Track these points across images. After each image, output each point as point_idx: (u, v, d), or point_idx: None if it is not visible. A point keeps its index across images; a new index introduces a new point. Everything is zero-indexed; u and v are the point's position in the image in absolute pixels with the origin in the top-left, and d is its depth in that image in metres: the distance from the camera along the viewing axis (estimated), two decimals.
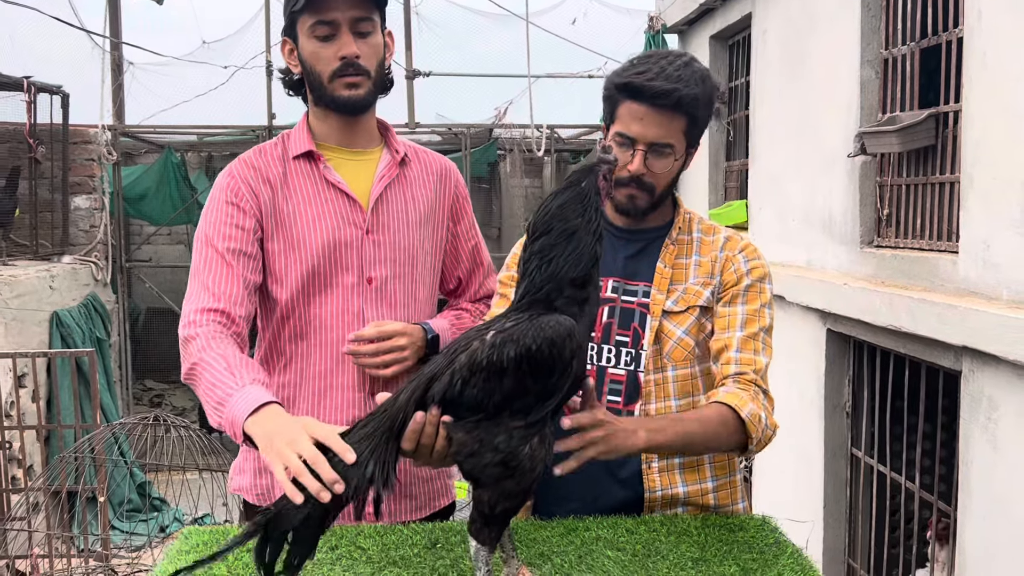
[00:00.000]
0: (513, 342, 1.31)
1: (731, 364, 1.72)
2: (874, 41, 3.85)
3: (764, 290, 1.79)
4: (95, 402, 5.48)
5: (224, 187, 1.92)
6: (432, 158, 2.08)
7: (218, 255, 1.86)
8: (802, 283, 4.27)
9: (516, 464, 1.32)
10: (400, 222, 1.97)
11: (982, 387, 2.95)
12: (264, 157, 1.95)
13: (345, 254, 1.92)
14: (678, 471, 1.79)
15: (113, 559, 5.15)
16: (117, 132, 8.69)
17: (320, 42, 1.86)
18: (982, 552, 2.99)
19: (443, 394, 1.35)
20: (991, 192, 2.94)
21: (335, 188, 1.94)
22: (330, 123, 1.95)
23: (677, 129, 1.73)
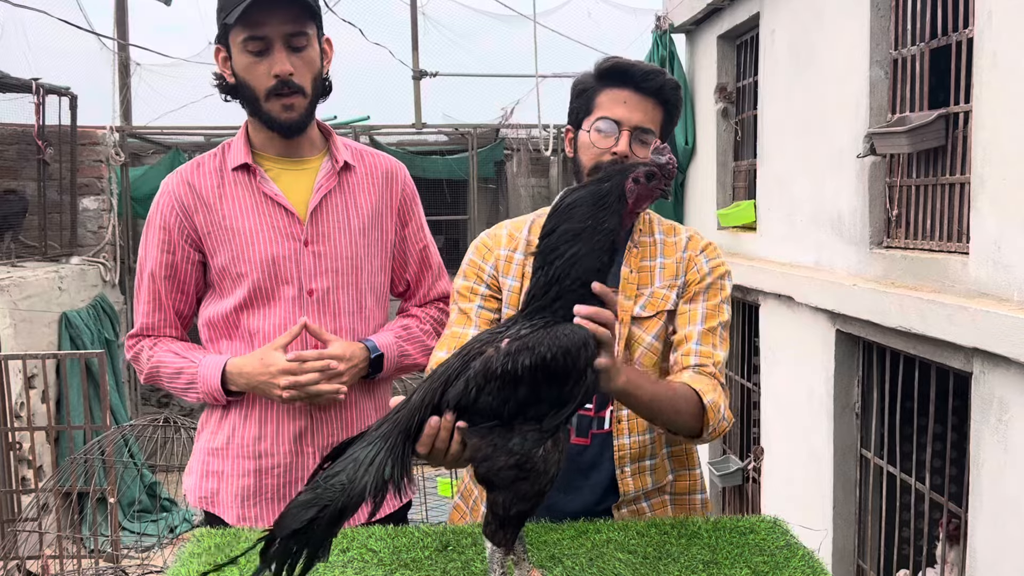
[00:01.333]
0: (528, 350, 1.30)
1: (691, 356, 1.74)
2: (883, 41, 3.84)
3: (724, 287, 1.83)
4: (104, 403, 5.50)
5: (158, 210, 1.96)
6: (378, 160, 2.06)
7: (151, 281, 1.97)
8: (811, 284, 4.26)
9: (531, 467, 1.32)
10: (341, 232, 1.95)
11: (993, 389, 2.94)
12: (201, 171, 1.94)
13: (284, 267, 1.91)
14: (648, 472, 1.82)
15: (123, 560, 5.16)
16: (125, 133, 8.71)
17: (253, 57, 1.83)
18: (992, 553, 2.98)
19: (458, 400, 1.35)
20: (1002, 193, 2.93)
21: (272, 201, 1.92)
22: (268, 134, 1.93)
23: (656, 118, 1.77)
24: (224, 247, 1.92)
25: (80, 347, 6.63)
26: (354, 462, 1.35)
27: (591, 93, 1.78)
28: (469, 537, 1.67)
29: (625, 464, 1.79)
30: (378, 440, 1.37)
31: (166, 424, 4.61)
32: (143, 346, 2.01)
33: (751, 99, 5.60)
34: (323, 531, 1.32)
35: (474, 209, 9.92)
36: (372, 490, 1.32)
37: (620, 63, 1.77)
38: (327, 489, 1.33)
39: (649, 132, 1.75)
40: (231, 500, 1.99)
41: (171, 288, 1.97)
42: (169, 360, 1.98)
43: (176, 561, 1.60)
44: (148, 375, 2.02)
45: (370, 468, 1.34)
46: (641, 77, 1.74)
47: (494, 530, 1.35)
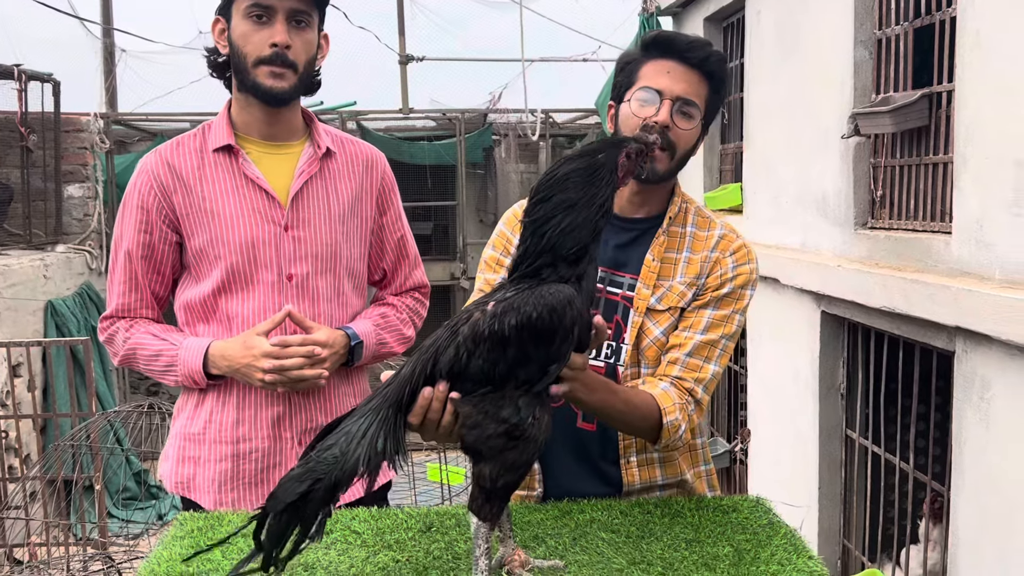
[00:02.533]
0: (514, 311, 1.31)
1: (676, 366, 1.71)
2: (867, 21, 3.83)
3: (743, 296, 1.77)
4: (90, 390, 5.49)
5: (136, 189, 1.93)
6: (359, 148, 2.06)
7: (127, 260, 1.94)
8: (796, 265, 4.27)
9: (520, 434, 1.33)
10: (321, 217, 1.95)
11: (975, 367, 2.96)
12: (181, 151, 1.92)
13: (264, 251, 1.91)
14: (658, 465, 1.80)
15: (111, 547, 5.16)
16: (109, 120, 8.65)
17: (253, 23, 1.83)
18: (973, 530, 3.01)
19: (450, 367, 1.35)
20: (984, 172, 2.94)
21: (253, 184, 1.91)
22: (252, 113, 1.92)
23: (701, 93, 1.72)
24: (202, 229, 1.91)
25: (66, 335, 6.60)
26: (347, 435, 1.35)
27: (635, 66, 1.74)
28: (452, 518, 1.68)
29: (630, 454, 1.78)
30: (370, 413, 1.37)
31: (151, 410, 4.60)
32: (118, 327, 1.99)
33: (738, 81, 5.60)
34: (317, 507, 1.31)
35: (462, 195, 9.90)
36: (365, 463, 1.32)
37: (665, 33, 1.75)
38: (320, 463, 1.33)
39: (693, 104, 1.71)
40: (208, 485, 1.99)
41: (148, 268, 1.95)
42: (147, 342, 1.96)
43: (159, 544, 1.60)
44: (123, 357, 2.00)
45: (363, 441, 1.34)
46: (686, 47, 1.71)
47: (480, 504, 1.35)
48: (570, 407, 1.77)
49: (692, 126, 1.72)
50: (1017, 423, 2.77)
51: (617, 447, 1.78)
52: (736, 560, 1.51)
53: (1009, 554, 2.82)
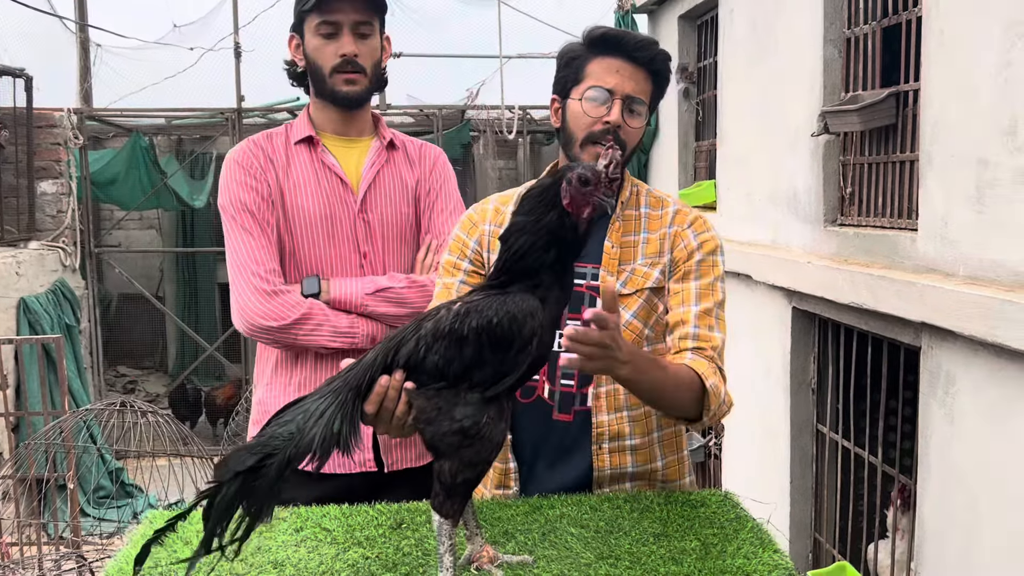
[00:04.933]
0: (477, 313, 1.35)
1: (688, 339, 1.72)
2: (837, 20, 3.88)
3: (716, 263, 1.79)
4: (63, 388, 5.45)
5: (239, 162, 2.10)
6: (419, 143, 2.29)
7: (255, 221, 2.07)
8: (768, 262, 4.32)
9: (475, 433, 1.34)
10: (388, 201, 2.17)
11: (940, 362, 3.01)
12: (271, 141, 2.15)
13: (340, 231, 2.11)
14: (628, 452, 1.81)
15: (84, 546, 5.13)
16: (83, 116, 8.57)
17: (324, 39, 2.07)
18: (939, 520, 3.06)
19: (407, 359, 1.37)
20: (948, 170, 2.99)
21: (330, 171, 2.13)
22: (328, 114, 2.15)
23: (647, 89, 1.74)
24: (285, 208, 2.09)
25: (39, 333, 6.54)
26: (304, 413, 1.36)
27: (581, 62, 1.75)
28: (423, 515, 1.69)
29: (603, 441, 1.78)
30: (330, 395, 1.38)
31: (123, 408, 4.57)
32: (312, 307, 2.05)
33: (712, 79, 5.64)
34: (268, 484, 1.31)
35: None
36: (320, 443, 1.33)
37: (613, 31, 1.75)
38: (274, 437, 1.34)
39: (640, 102, 1.73)
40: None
41: (270, 225, 2.08)
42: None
43: (128, 543, 1.61)
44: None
45: (319, 420, 1.35)
46: (634, 47, 1.73)
47: (441, 501, 1.37)
48: (543, 400, 1.79)
49: (641, 124, 1.75)
50: (980, 417, 2.83)
51: (591, 435, 1.79)
52: (703, 554, 1.53)
53: (972, 544, 2.87)
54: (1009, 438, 2.69)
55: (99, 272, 9.09)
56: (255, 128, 8.48)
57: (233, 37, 8.57)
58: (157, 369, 10.98)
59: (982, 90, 2.80)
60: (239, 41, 8.50)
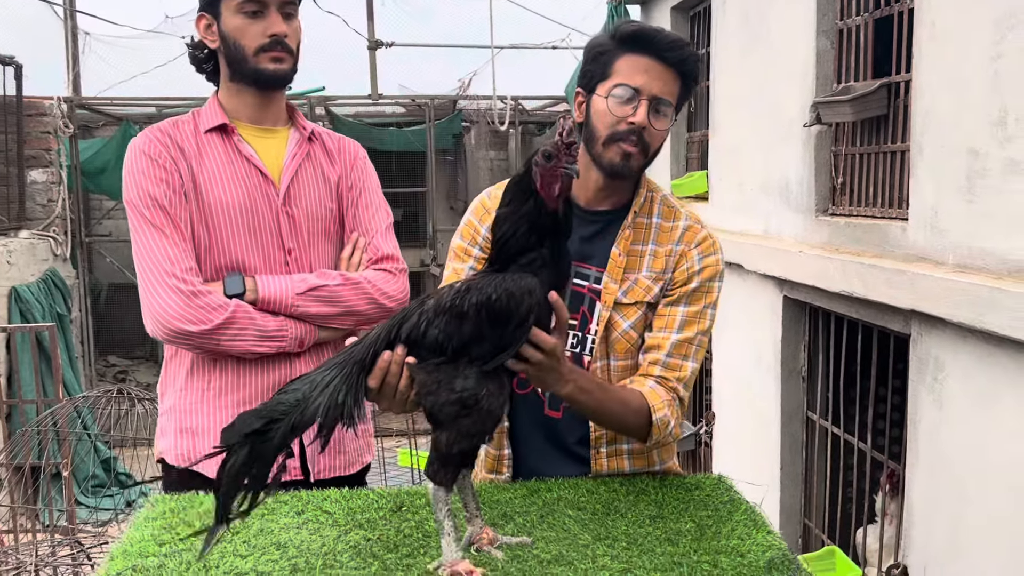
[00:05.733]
0: (476, 290, 1.39)
1: (657, 366, 1.73)
2: (830, 12, 3.90)
3: (712, 289, 1.78)
4: (56, 376, 5.44)
5: (147, 152, 1.92)
6: (336, 136, 2.17)
7: (168, 217, 1.90)
8: (760, 251, 4.35)
9: (474, 403, 1.38)
10: (311, 195, 2.04)
11: (929, 349, 3.04)
12: (178, 129, 1.99)
13: (263, 225, 1.97)
14: (626, 457, 1.83)
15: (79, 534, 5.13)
16: (73, 104, 8.52)
17: (248, 18, 1.93)
18: (927, 505, 3.11)
19: (409, 334, 1.41)
20: (939, 160, 3.02)
21: (248, 162, 1.99)
22: (243, 99, 2.01)
23: (674, 90, 1.71)
24: (201, 201, 1.94)
25: (31, 321, 6.52)
26: (310, 383, 1.40)
27: (609, 57, 1.70)
28: (422, 498, 1.70)
29: (601, 445, 1.80)
30: (335, 367, 1.42)
31: (119, 396, 4.57)
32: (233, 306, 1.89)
33: (704, 70, 5.65)
34: (274, 451, 1.34)
35: (432, 181, 9.88)
36: (324, 412, 1.37)
37: (645, 29, 1.70)
38: (280, 404, 1.37)
39: (667, 103, 1.70)
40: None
41: (183, 220, 1.92)
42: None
43: (131, 526, 1.62)
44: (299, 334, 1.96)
45: (325, 390, 1.38)
46: (666, 47, 1.68)
47: (436, 469, 1.40)
48: (537, 394, 1.81)
49: (666, 126, 1.72)
50: (968, 403, 2.86)
51: (588, 436, 1.81)
52: (698, 535, 1.56)
53: (960, 529, 2.92)
54: (996, 424, 2.73)
55: (90, 261, 9.06)
56: None
57: None
58: (148, 359, 10.95)
59: (973, 81, 2.82)
60: None
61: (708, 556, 1.47)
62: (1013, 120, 2.64)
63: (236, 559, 1.45)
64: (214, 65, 2.03)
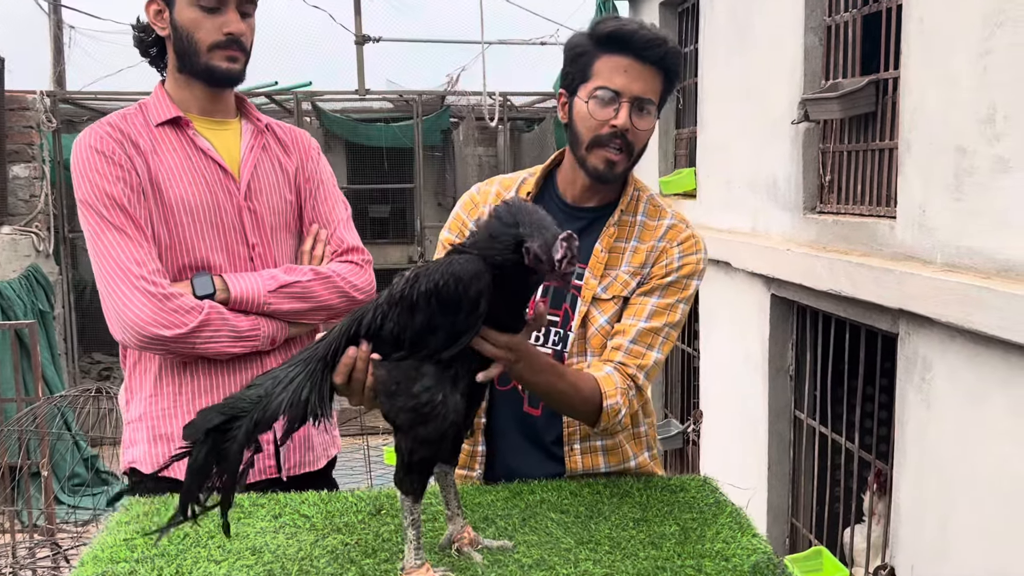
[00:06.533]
0: (425, 276, 1.35)
1: (619, 352, 1.71)
2: (818, 8, 3.88)
3: (687, 287, 1.77)
4: (37, 374, 5.38)
5: (100, 149, 1.85)
6: (288, 127, 2.13)
7: (128, 217, 1.83)
8: (747, 249, 4.33)
9: (428, 411, 1.35)
10: (272, 189, 2.00)
11: (917, 348, 3.03)
12: (128, 123, 1.91)
13: (226, 221, 1.92)
14: (600, 453, 1.82)
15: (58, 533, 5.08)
16: (57, 98, 8.45)
17: (204, 12, 1.87)
18: (915, 505, 3.10)
19: (368, 329, 1.38)
20: (927, 158, 3.00)
21: (205, 155, 1.93)
22: (192, 91, 1.95)
23: (656, 87, 1.70)
24: (159, 196, 1.87)
25: (12, 318, 6.46)
26: (273, 379, 1.37)
27: (588, 59, 1.69)
28: None
29: (574, 442, 1.79)
30: (299, 364, 1.39)
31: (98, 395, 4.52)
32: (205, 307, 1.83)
33: (692, 67, 5.64)
34: (238, 449, 1.30)
35: (420, 177, 9.84)
36: (287, 408, 1.34)
37: (621, 30, 1.67)
38: (241, 399, 1.34)
39: (649, 102, 1.69)
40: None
41: (142, 219, 1.85)
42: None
43: (104, 530, 1.59)
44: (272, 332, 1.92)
45: (288, 387, 1.35)
46: (644, 45, 1.65)
47: (401, 477, 1.38)
48: (517, 391, 1.79)
49: (650, 124, 1.72)
50: (955, 403, 2.86)
51: (562, 433, 1.80)
52: (682, 539, 1.54)
53: (948, 529, 2.91)
54: (984, 424, 2.72)
55: (73, 258, 8.99)
56: None
57: None
58: None
59: (961, 78, 2.81)
60: None
61: (692, 560, 1.45)
62: (1001, 118, 2.63)
63: (210, 564, 1.42)
64: (159, 51, 1.96)
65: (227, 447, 1.30)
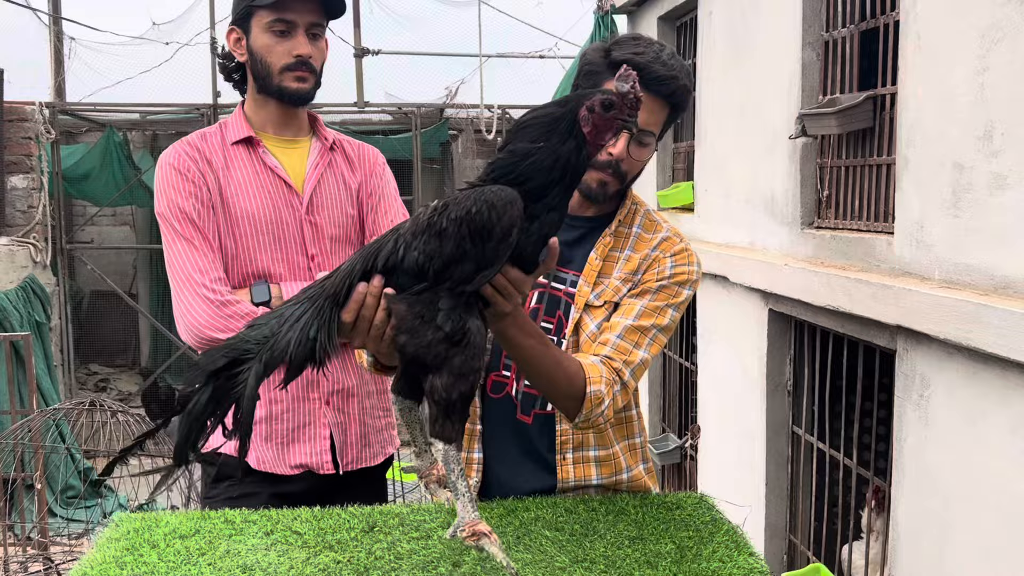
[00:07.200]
0: (456, 204, 1.32)
1: (606, 347, 1.70)
2: (815, 23, 3.89)
3: (679, 293, 1.76)
4: (31, 386, 5.37)
5: (177, 166, 2.04)
6: (357, 143, 2.27)
7: (196, 229, 2.02)
8: (745, 264, 4.33)
9: (460, 339, 1.31)
10: (334, 203, 2.15)
11: (915, 365, 3.02)
12: (207, 142, 2.09)
13: (287, 233, 2.08)
14: (593, 464, 1.81)
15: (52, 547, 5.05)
16: (56, 110, 8.45)
17: (276, 37, 2.04)
18: (913, 522, 3.08)
19: (386, 260, 1.33)
20: (924, 174, 3.00)
21: (272, 172, 2.10)
22: (268, 112, 2.12)
23: (660, 119, 1.72)
24: (227, 210, 2.04)
25: (8, 330, 6.44)
26: (279, 317, 1.32)
27: (598, 79, 1.71)
28: (395, 518, 1.67)
29: (566, 451, 1.78)
30: (306, 301, 1.34)
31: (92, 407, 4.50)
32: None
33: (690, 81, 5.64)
34: (251, 392, 1.26)
35: (418, 190, 9.84)
36: (295, 347, 1.29)
37: (634, 61, 1.66)
38: (246, 340, 1.30)
39: (650, 134, 1.70)
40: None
41: (210, 231, 2.03)
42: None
43: (93, 547, 1.57)
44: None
45: (295, 325, 1.30)
46: (654, 81, 1.66)
47: (441, 424, 1.33)
48: (510, 398, 1.78)
49: (647, 156, 1.73)
50: (954, 420, 2.84)
51: (554, 441, 1.79)
52: (678, 557, 1.53)
53: (946, 545, 2.89)
54: (982, 441, 2.71)
55: (71, 269, 8.98)
56: None
57: (209, 32, 8.50)
58: (129, 367, 10.86)
59: (959, 95, 2.81)
60: (215, 36, 8.43)
61: None
62: (999, 134, 2.63)
63: None
64: (242, 75, 2.14)
65: (238, 390, 1.26)
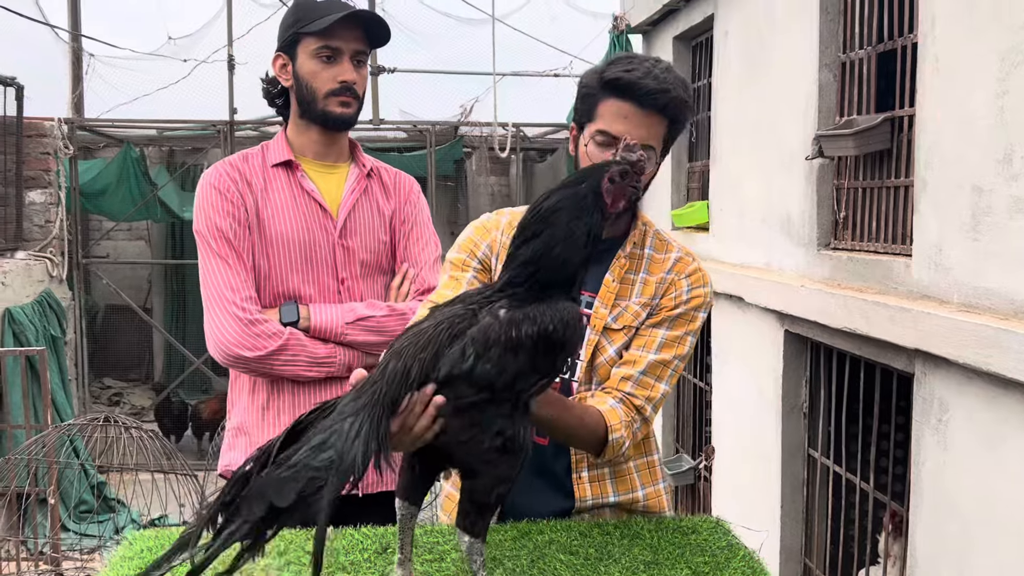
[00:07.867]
0: (530, 320, 1.34)
1: (629, 382, 1.72)
2: (832, 45, 3.88)
3: (696, 319, 1.79)
4: (46, 401, 5.38)
5: (216, 186, 2.09)
6: (393, 172, 2.32)
7: (231, 248, 2.06)
8: (760, 284, 4.30)
9: (512, 446, 1.33)
10: (367, 229, 2.19)
11: (933, 389, 2.99)
12: (247, 163, 2.15)
13: (319, 255, 2.13)
14: (609, 481, 1.81)
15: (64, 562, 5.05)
16: (74, 125, 8.53)
17: (323, 63, 2.10)
18: (931, 547, 3.04)
19: (450, 369, 1.31)
20: (943, 196, 2.98)
21: (309, 196, 2.14)
22: (310, 136, 2.17)
23: (659, 133, 1.72)
24: (263, 231, 2.09)
25: (24, 344, 6.47)
26: (334, 434, 1.25)
27: (594, 100, 1.72)
28: None
29: (582, 469, 1.78)
30: (362, 411, 1.27)
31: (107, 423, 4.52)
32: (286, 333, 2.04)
33: (706, 100, 5.65)
34: (325, 516, 1.20)
35: (433, 207, 9.86)
36: (361, 466, 1.24)
37: (625, 78, 1.67)
38: (311, 467, 1.21)
39: (650, 148, 1.69)
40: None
41: (245, 250, 2.08)
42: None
43: (107, 566, 1.57)
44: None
45: (356, 441, 1.24)
46: (645, 95, 1.67)
47: (473, 520, 1.34)
48: None
49: (649, 171, 1.71)
50: (973, 445, 2.81)
51: (569, 462, 1.79)
52: None
53: (964, 571, 2.85)
54: (1002, 466, 2.68)
55: (86, 283, 9.03)
56: (247, 141, 8.47)
57: (227, 49, 8.57)
58: (143, 382, 10.89)
59: (978, 117, 2.80)
60: (233, 53, 8.50)
61: None
62: (1019, 158, 2.61)
63: None
64: (284, 101, 2.19)
65: (311, 513, 1.20)
